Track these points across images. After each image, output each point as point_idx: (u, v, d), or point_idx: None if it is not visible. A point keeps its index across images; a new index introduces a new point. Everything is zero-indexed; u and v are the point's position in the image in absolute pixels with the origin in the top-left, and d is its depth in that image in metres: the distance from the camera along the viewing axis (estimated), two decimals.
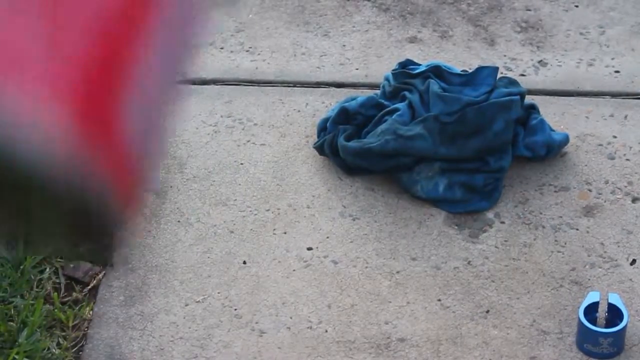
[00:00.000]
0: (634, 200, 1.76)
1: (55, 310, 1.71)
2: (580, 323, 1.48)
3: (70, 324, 1.68)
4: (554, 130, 1.84)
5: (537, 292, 1.59)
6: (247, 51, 1.91)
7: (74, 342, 1.69)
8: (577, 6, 2.02)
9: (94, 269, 1.82)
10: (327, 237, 1.57)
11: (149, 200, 1.60)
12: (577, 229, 1.73)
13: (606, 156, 1.80)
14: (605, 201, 1.76)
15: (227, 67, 1.91)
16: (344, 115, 1.70)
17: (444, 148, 1.65)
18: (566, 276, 1.64)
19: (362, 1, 1.95)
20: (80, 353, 1.67)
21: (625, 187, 1.76)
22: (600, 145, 1.79)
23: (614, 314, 1.50)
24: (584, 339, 1.49)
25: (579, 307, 1.51)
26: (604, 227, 1.73)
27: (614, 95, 1.92)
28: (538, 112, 1.84)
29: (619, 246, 1.69)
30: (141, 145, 0.27)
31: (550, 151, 1.81)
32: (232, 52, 1.99)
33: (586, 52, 1.98)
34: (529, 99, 1.84)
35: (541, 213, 1.77)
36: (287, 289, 1.56)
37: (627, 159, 1.76)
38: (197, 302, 1.57)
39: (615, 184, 1.78)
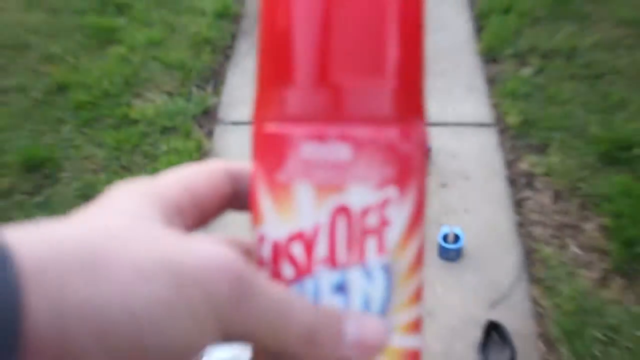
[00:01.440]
0: (444, 185, 2.09)
1: None
2: (440, 244, 1.82)
3: None
4: None
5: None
6: None
7: None
8: None
9: None
10: None
11: None
12: (438, 194, 2.03)
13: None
14: (448, 181, 2.07)
15: None
16: None
17: None
18: (432, 219, 1.89)
19: None
20: None
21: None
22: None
23: (455, 238, 1.82)
24: (441, 252, 1.83)
25: (438, 235, 1.83)
26: (449, 195, 2.05)
27: None
28: None
29: (455, 203, 2.00)
30: None
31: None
32: None
33: None
34: None
35: None
36: None
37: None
38: None
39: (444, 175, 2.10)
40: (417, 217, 0.25)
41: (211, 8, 2.95)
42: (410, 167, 0.24)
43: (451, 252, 1.85)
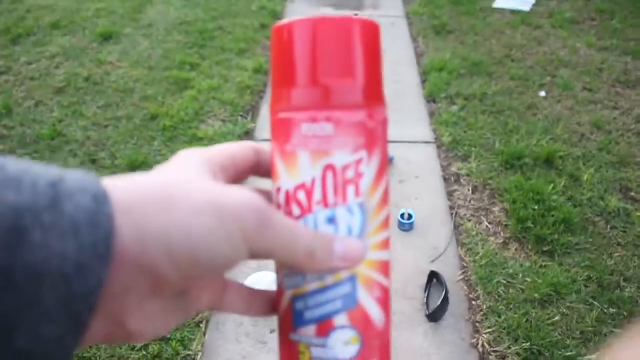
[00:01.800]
0: (402, 181, 2.05)
1: None
2: (399, 220, 1.76)
3: None
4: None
5: None
6: None
7: None
8: None
9: None
10: None
11: None
12: (397, 188, 1.97)
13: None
14: (404, 179, 2.03)
15: None
16: None
17: None
18: (394, 204, 1.85)
19: None
20: None
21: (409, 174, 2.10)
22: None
23: (409, 217, 1.77)
24: (399, 226, 1.76)
25: (398, 214, 1.77)
26: (405, 188, 1.99)
27: None
28: None
29: (409, 193, 1.93)
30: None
31: (389, 160, 2.24)
32: None
33: None
34: None
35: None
36: None
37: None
38: None
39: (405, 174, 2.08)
40: (381, 171, 0.24)
41: (251, 66, 2.93)
42: (374, 137, 0.24)
43: (406, 225, 1.80)
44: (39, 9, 3.72)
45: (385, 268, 0.25)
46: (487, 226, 1.85)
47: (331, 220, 0.23)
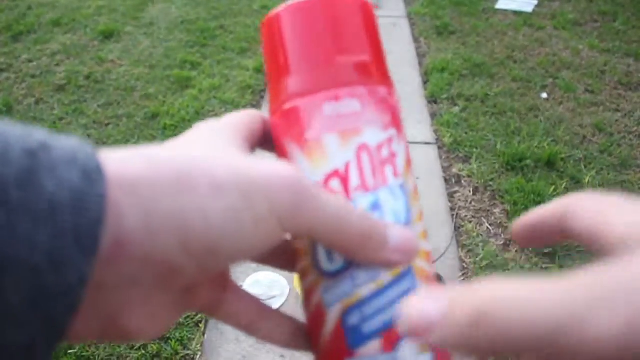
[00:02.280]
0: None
1: None
2: None
3: None
4: None
5: None
6: None
7: None
8: None
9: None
10: None
11: None
12: None
13: None
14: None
15: None
16: None
17: None
18: None
19: None
20: None
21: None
22: None
23: None
24: None
25: None
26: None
27: None
28: None
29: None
30: None
31: None
32: None
33: None
34: None
35: None
36: None
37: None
38: None
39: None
40: (409, 155, 0.23)
41: (252, 65, 2.92)
42: (398, 115, 0.23)
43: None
44: (40, 6, 3.72)
45: (430, 259, 0.22)
46: (487, 227, 1.85)
47: (375, 206, 0.20)
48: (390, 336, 0.19)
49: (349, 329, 0.19)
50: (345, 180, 0.20)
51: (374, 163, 0.21)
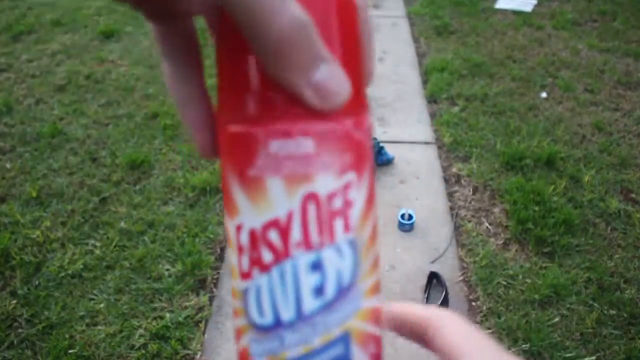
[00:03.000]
0: (402, 181, 2.04)
1: None
2: (399, 220, 1.76)
3: None
4: (388, 153, 2.07)
5: (382, 210, 1.81)
6: None
7: None
8: None
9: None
10: None
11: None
12: (397, 188, 1.96)
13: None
14: (405, 179, 2.03)
15: None
16: None
17: None
18: (394, 204, 1.85)
19: None
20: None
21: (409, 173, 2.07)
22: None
23: (409, 217, 1.77)
24: (399, 226, 1.77)
25: (398, 214, 1.78)
26: (405, 188, 1.97)
27: None
28: (383, 148, 2.07)
29: (409, 193, 1.92)
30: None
31: (389, 160, 2.07)
32: None
33: None
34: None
35: (384, 184, 1.99)
36: None
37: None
38: None
39: (407, 174, 2.07)
40: (372, 196, 0.19)
41: None
42: (363, 153, 0.19)
43: (406, 226, 1.79)
44: (40, 6, 3.71)
45: (378, 316, 0.20)
46: (487, 227, 1.85)
47: (316, 267, 0.18)
48: None
49: None
50: (285, 233, 0.18)
51: (321, 216, 0.18)
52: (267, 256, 0.18)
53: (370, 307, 0.20)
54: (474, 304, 1.56)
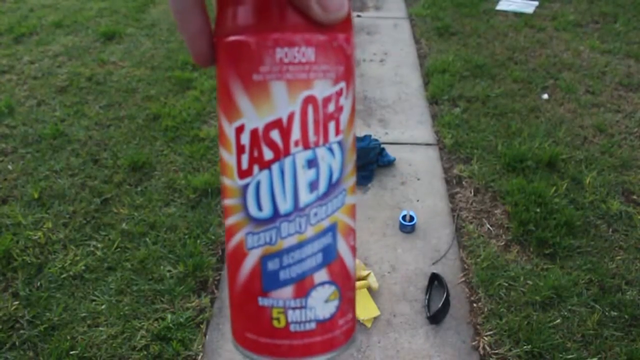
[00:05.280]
0: (403, 183, 2.17)
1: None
2: (400, 222, 1.76)
3: None
4: (389, 154, 2.08)
5: (384, 211, 1.83)
6: None
7: None
8: None
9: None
10: None
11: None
12: (399, 189, 1.97)
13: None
14: (406, 181, 2.03)
15: None
16: None
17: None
18: (395, 205, 1.88)
19: None
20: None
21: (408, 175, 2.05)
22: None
23: (411, 218, 1.77)
24: (401, 227, 1.75)
25: (399, 216, 1.78)
26: (406, 190, 1.97)
27: None
28: (385, 150, 2.08)
29: (410, 195, 1.92)
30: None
31: (390, 162, 2.07)
32: None
33: None
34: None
35: (385, 185, 2.00)
36: None
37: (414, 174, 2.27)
38: None
39: (407, 176, 2.04)
40: (354, 104, 0.22)
41: None
42: (351, 66, 0.21)
43: (408, 227, 1.79)
44: (42, 8, 3.73)
45: (355, 213, 0.23)
46: (488, 228, 1.85)
47: (311, 163, 0.20)
48: (304, 284, 0.21)
49: (267, 273, 0.21)
50: (286, 133, 0.20)
51: (318, 118, 0.20)
52: (267, 154, 0.20)
53: (351, 203, 0.22)
54: (475, 305, 1.56)
